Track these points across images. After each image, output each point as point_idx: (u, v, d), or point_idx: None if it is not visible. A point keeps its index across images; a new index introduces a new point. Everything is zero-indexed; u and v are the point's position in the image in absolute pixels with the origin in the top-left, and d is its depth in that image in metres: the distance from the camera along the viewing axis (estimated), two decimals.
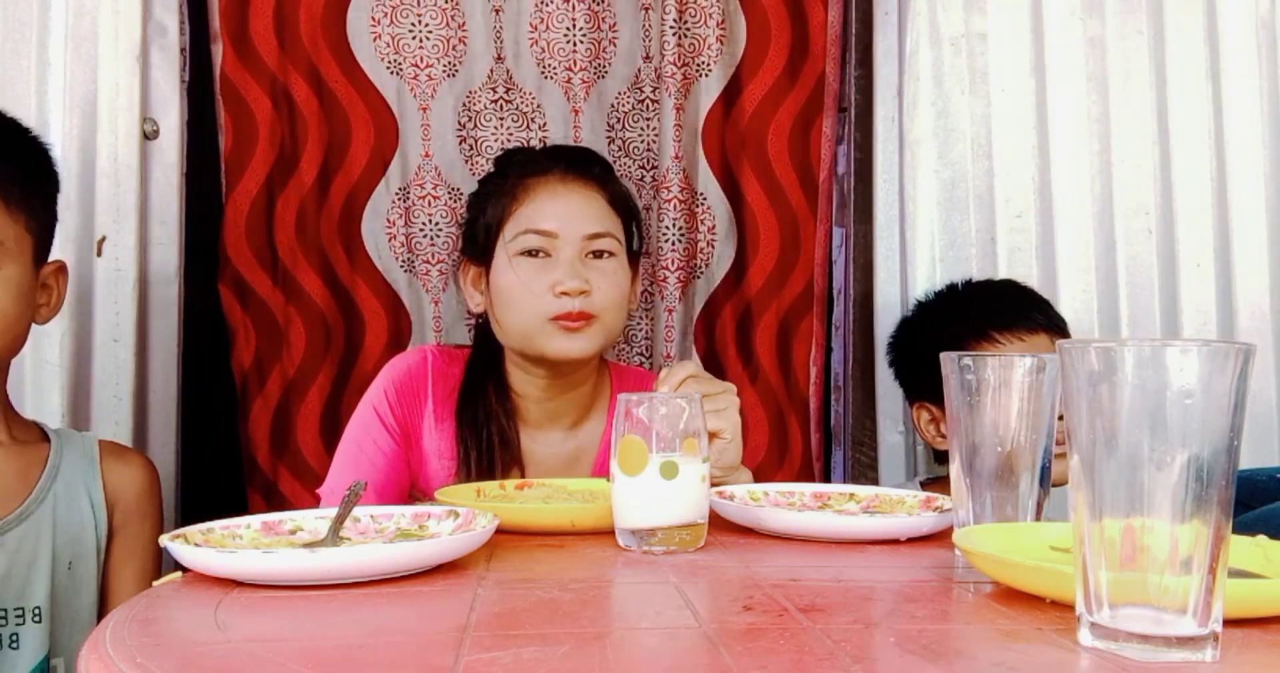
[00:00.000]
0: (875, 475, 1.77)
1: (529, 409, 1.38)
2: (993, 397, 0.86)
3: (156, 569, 1.27)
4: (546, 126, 1.77)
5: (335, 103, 1.72)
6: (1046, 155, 1.74)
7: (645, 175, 1.79)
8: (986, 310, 1.50)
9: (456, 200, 1.75)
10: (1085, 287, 1.73)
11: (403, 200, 1.75)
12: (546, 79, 1.77)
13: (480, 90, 1.76)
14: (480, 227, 1.36)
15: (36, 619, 1.17)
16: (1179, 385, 0.56)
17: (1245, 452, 0.65)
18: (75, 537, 1.22)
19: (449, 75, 1.75)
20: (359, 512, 0.91)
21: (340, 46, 1.72)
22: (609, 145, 1.79)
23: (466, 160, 1.76)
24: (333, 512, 0.89)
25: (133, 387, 1.58)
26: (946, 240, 1.74)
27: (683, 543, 0.89)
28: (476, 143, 1.77)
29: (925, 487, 1.49)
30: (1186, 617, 0.56)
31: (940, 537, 0.95)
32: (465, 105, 1.76)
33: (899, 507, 1.06)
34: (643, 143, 1.80)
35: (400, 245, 1.75)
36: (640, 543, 0.89)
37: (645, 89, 1.79)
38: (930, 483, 1.56)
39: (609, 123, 1.79)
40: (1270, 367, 1.73)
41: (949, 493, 0.92)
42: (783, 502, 1.08)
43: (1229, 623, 0.59)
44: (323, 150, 1.71)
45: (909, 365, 1.60)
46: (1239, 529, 0.64)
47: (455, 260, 1.67)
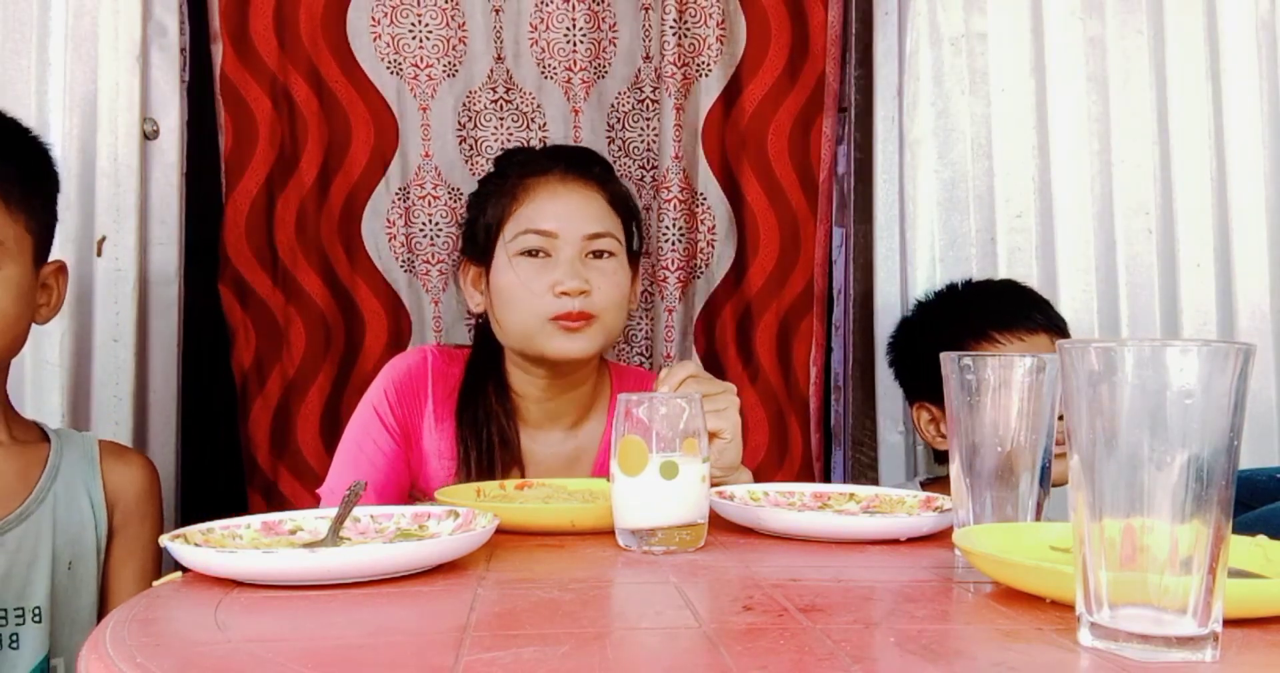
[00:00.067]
0: (875, 475, 1.77)
1: (529, 409, 1.38)
2: (993, 397, 0.86)
3: (156, 569, 1.27)
4: (546, 127, 1.77)
5: (335, 103, 1.71)
6: (1046, 155, 1.74)
7: (645, 175, 1.79)
8: (986, 310, 1.50)
9: (456, 200, 1.75)
10: (1085, 287, 1.73)
11: (403, 200, 1.75)
12: (546, 79, 1.77)
13: (480, 90, 1.76)
14: (480, 226, 1.36)
15: (36, 619, 1.17)
16: (1179, 385, 0.56)
17: (1245, 452, 0.65)
18: (75, 537, 1.22)
19: (449, 75, 1.75)
20: (359, 512, 0.91)
21: (340, 46, 1.72)
22: (609, 145, 1.79)
23: (466, 160, 1.76)
24: (333, 512, 0.89)
25: (133, 387, 1.58)
26: (946, 240, 1.74)
27: (683, 543, 0.89)
28: (476, 143, 1.76)
29: (925, 487, 1.49)
30: (1186, 617, 0.56)
31: (940, 537, 0.95)
32: (465, 105, 1.76)
33: (899, 507, 1.06)
34: (643, 143, 1.80)
35: (400, 245, 1.75)
36: (640, 543, 0.89)
37: (645, 89, 1.79)
38: (930, 483, 1.56)
39: (609, 123, 1.79)
40: (1270, 367, 1.73)
41: (949, 493, 0.92)
42: (783, 502, 1.08)
43: (1229, 623, 0.59)
44: (323, 150, 1.71)
45: (909, 365, 1.60)
46: (1239, 529, 0.64)
47: (455, 260, 1.67)
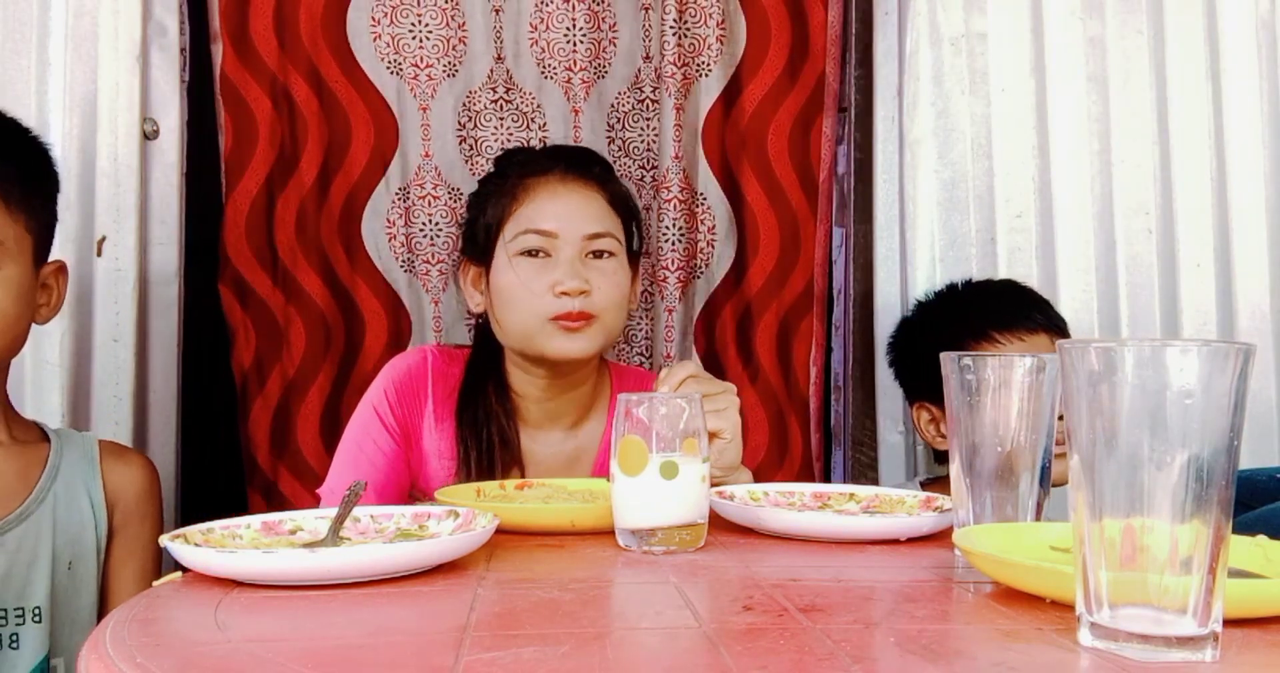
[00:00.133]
0: (875, 475, 1.77)
1: (529, 409, 1.38)
2: (993, 397, 0.86)
3: (156, 569, 1.27)
4: (546, 127, 1.77)
5: (335, 103, 1.71)
6: (1046, 155, 1.74)
7: (645, 175, 1.79)
8: (986, 310, 1.50)
9: (456, 200, 1.75)
10: (1085, 287, 1.73)
11: (403, 200, 1.75)
12: (546, 79, 1.77)
13: (480, 90, 1.76)
14: (480, 226, 1.36)
15: (36, 619, 1.17)
16: (1179, 385, 0.56)
17: (1245, 452, 0.65)
18: (75, 537, 1.22)
19: (449, 75, 1.75)
20: (359, 512, 0.91)
21: (340, 47, 1.72)
22: (609, 145, 1.79)
23: (466, 160, 1.76)
24: (333, 512, 0.89)
25: (133, 387, 1.58)
26: (946, 240, 1.74)
27: (683, 543, 0.89)
28: (477, 143, 1.77)
29: (925, 487, 1.49)
30: (1186, 617, 0.56)
31: (940, 537, 0.95)
32: (465, 105, 1.76)
33: (899, 507, 1.06)
34: (642, 143, 1.80)
35: (400, 245, 1.75)
36: (640, 543, 0.89)
37: (645, 89, 1.79)
38: (930, 483, 1.56)
39: (609, 123, 1.79)
40: (1270, 367, 1.73)
41: (949, 493, 0.92)
42: (783, 502, 1.08)
43: (1229, 623, 0.59)
44: (323, 150, 1.71)
45: (909, 365, 1.60)
46: (1239, 529, 0.64)
47: (455, 260, 1.67)
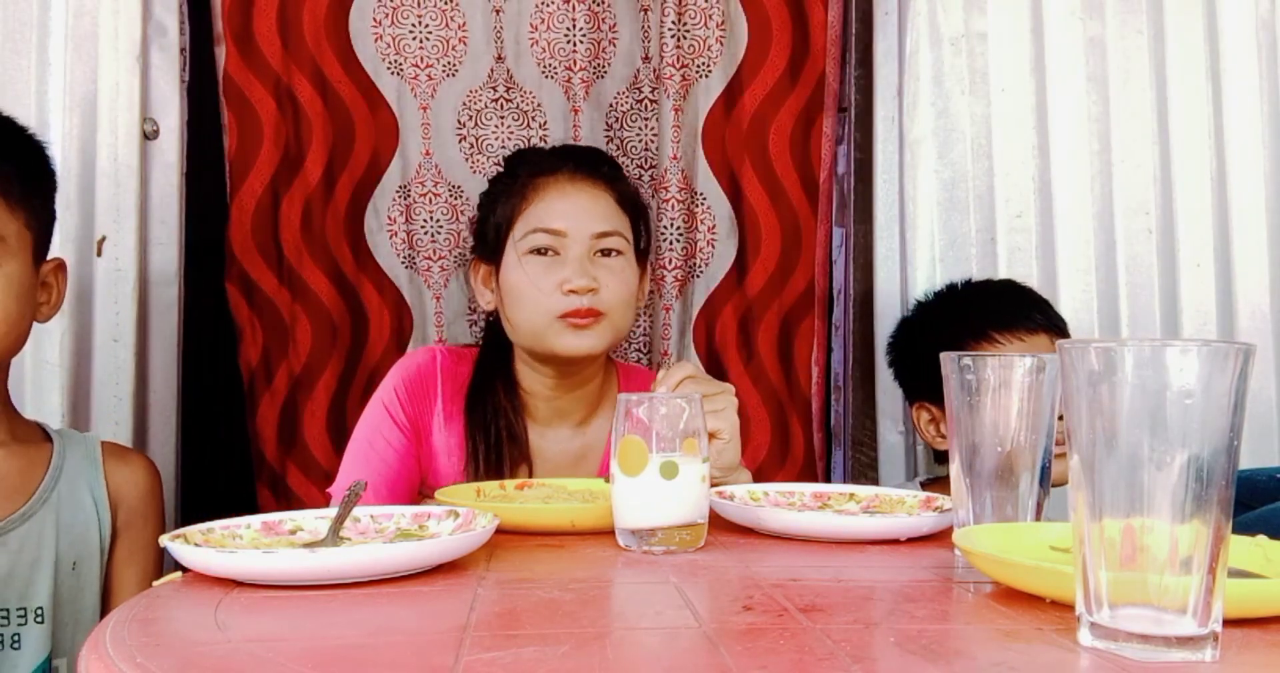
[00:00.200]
0: (875, 475, 1.77)
1: (537, 407, 1.39)
2: (993, 397, 0.86)
3: (158, 570, 1.27)
4: (546, 126, 1.78)
5: (339, 103, 1.72)
6: (1046, 155, 1.74)
7: (644, 175, 1.80)
8: (986, 310, 1.50)
9: (458, 197, 1.76)
10: (1085, 287, 1.73)
11: (403, 198, 1.75)
12: (547, 78, 1.78)
13: (481, 89, 1.77)
14: (490, 226, 1.37)
15: (39, 620, 1.17)
16: (1179, 385, 0.56)
17: (1245, 452, 0.65)
18: (79, 537, 1.22)
19: (449, 75, 1.76)
20: (359, 512, 0.91)
21: (343, 47, 1.72)
22: (607, 144, 1.79)
23: (467, 158, 1.77)
24: (333, 512, 0.89)
25: (133, 387, 1.58)
26: (946, 240, 1.74)
27: (683, 543, 0.89)
28: (477, 141, 1.77)
29: (925, 487, 1.49)
30: (1186, 617, 0.56)
31: (940, 537, 0.95)
32: (465, 104, 1.77)
33: (899, 507, 1.06)
34: (641, 142, 1.80)
35: (402, 242, 1.75)
36: (640, 543, 0.89)
37: (644, 89, 1.79)
38: (930, 483, 1.56)
39: (608, 122, 1.80)
40: (1270, 367, 1.73)
41: (949, 493, 0.92)
42: (783, 502, 1.08)
43: (1229, 623, 0.59)
44: (327, 150, 1.72)
45: (909, 365, 1.60)
46: (1239, 529, 0.64)
47: (465, 259, 1.69)
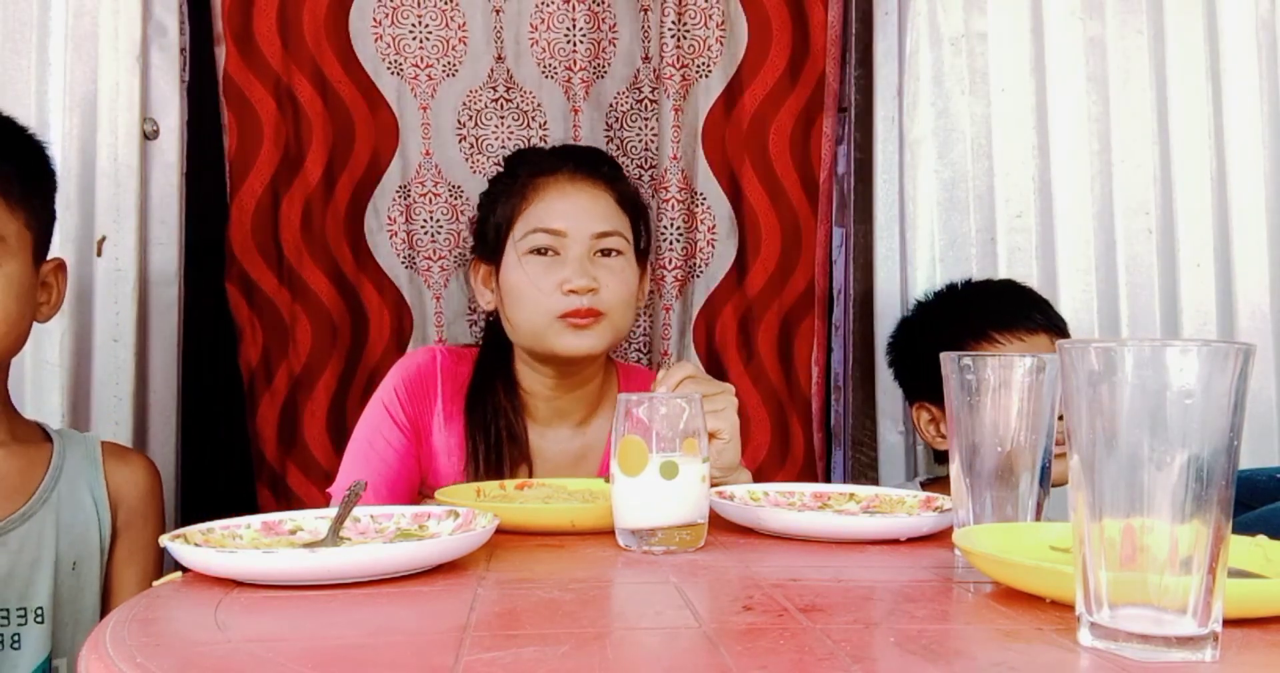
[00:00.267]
0: (875, 475, 1.77)
1: (537, 407, 1.39)
2: (993, 397, 0.86)
3: (159, 570, 1.26)
4: (546, 125, 1.78)
5: (339, 103, 1.72)
6: (1046, 155, 1.74)
7: (643, 174, 1.80)
8: (986, 310, 1.50)
9: (457, 197, 1.76)
10: (1085, 287, 1.73)
11: (403, 198, 1.76)
12: (547, 78, 1.78)
13: (481, 89, 1.77)
14: (490, 225, 1.37)
15: (39, 620, 1.17)
16: (1179, 385, 0.56)
17: (1245, 452, 0.65)
18: (79, 537, 1.22)
19: (449, 75, 1.76)
20: (359, 512, 0.91)
21: (343, 47, 1.73)
22: (608, 144, 1.79)
23: (467, 158, 1.77)
24: (333, 512, 0.89)
25: (133, 387, 1.58)
26: (946, 240, 1.74)
27: (683, 543, 0.89)
28: (477, 141, 1.77)
29: (925, 487, 1.49)
30: (1186, 617, 0.56)
31: (940, 537, 0.95)
32: (465, 104, 1.77)
33: (899, 507, 1.06)
34: (640, 142, 1.80)
35: (401, 242, 1.76)
36: (640, 543, 0.89)
37: (644, 89, 1.80)
38: (930, 483, 1.56)
39: (607, 122, 1.80)
40: (1270, 367, 1.73)
41: (949, 493, 0.92)
42: (783, 502, 1.08)
43: (1229, 623, 0.59)
44: (327, 150, 1.72)
45: (909, 365, 1.60)
46: (1239, 529, 0.64)
47: (465, 259, 1.69)
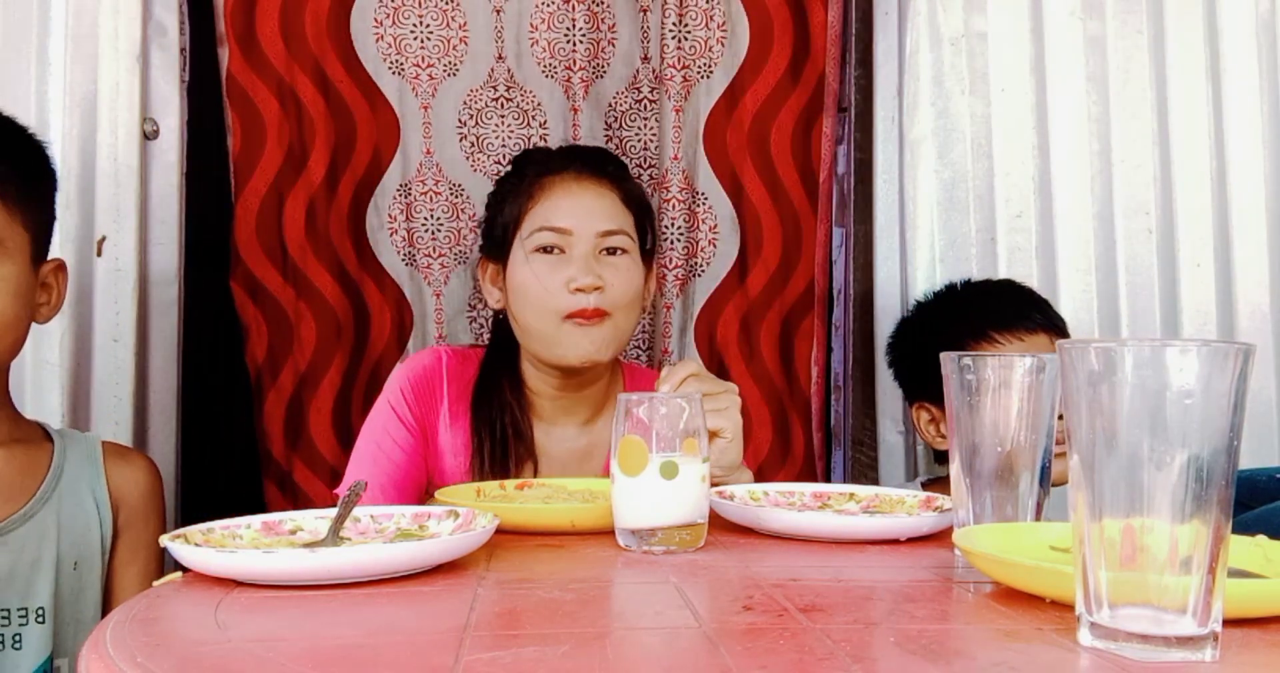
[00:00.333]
0: (875, 475, 1.77)
1: (543, 405, 1.39)
2: (993, 397, 0.86)
3: (159, 570, 1.26)
4: (546, 125, 1.78)
5: (341, 103, 1.73)
6: (1046, 155, 1.74)
7: (643, 174, 1.80)
8: (986, 310, 1.50)
9: (458, 196, 1.77)
10: (1085, 287, 1.73)
11: (404, 196, 1.76)
12: (547, 78, 1.78)
13: (481, 89, 1.77)
14: (497, 224, 1.38)
15: (40, 620, 1.17)
16: (1179, 385, 0.56)
17: (1245, 452, 0.65)
18: (80, 537, 1.22)
19: (450, 74, 1.76)
20: (359, 512, 0.91)
21: (345, 47, 1.73)
22: (607, 144, 1.79)
23: (468, 157, 1.78)
24: (333, 512, 0.89)
25: (133, 387, 1.58)
26: (946, 240, 1.74)
27: (683, 543, 0.89)
28: (478, 140, 1.78)
29: (925, 487, 1.49)
30: (1186, 617, 0.56)
31: (940, 537, 0.95)
32: (466, 103, 1.77)
33: (899, 507, 1.06)
34: (640, 142, 1.81)
35: (402, 240, 1.76)
36: (640, 543, 0.89)
37: (643, 89, 1.80)
38: (931, 483, 1.56)
39: (607, 122, 1.80)
40: (1270, 367, 1.72)
41: (949, 493, 0.92)
42: (783, 502, 1.08)
43: (1229, 623, 0.59)
44: (330, 149, 1.72)
45: (909, 366, 1.60)
46: (1239, 529, 0.64)
47: (465, 257, 1.69)
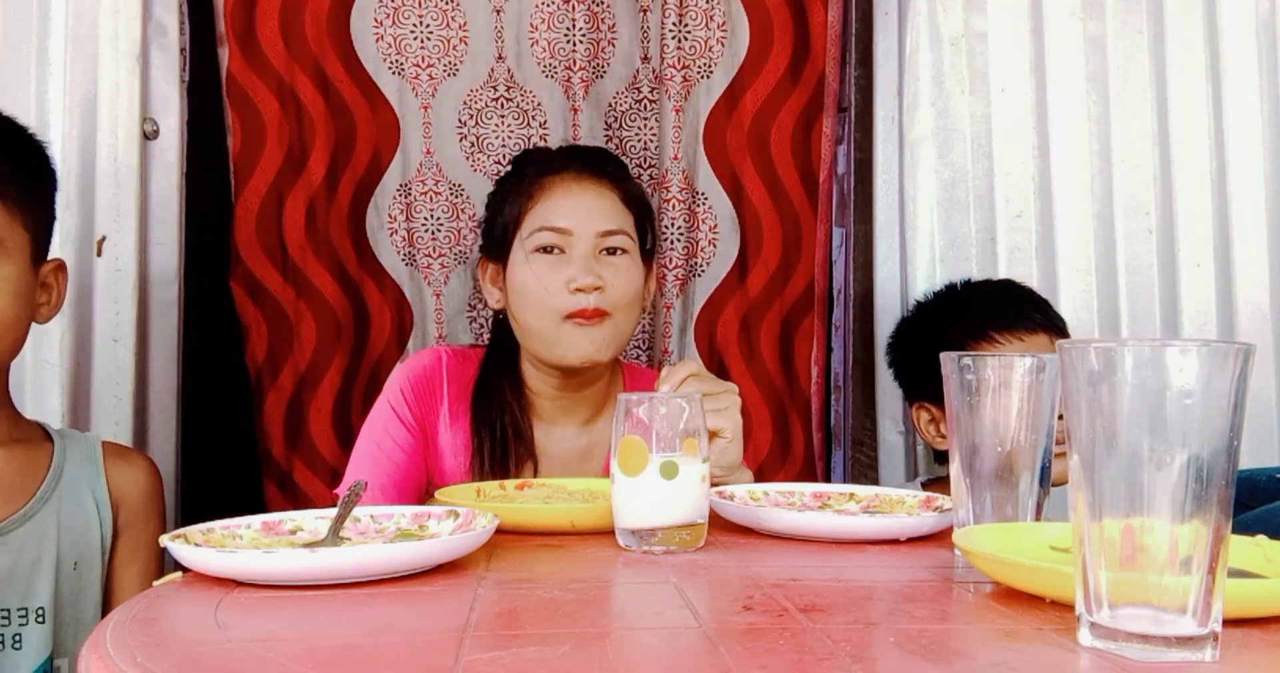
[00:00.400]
0: (875, 475, 1.77)
1: (543, 405, 1.39)
2: (993, 397, 0.86)
3: (160, 570, 1.26)
4: (546, 125, 1.79)
5: (341, 102, 1.73)
6: (1046, 155, 1.74)
7: (642, 174, 1.80)
8: (986, 310, 1.50)
9: (458, 196, 1.77)
10: (1085, 287, 1.73)
11: (404, 196, 1.76)
12: (547, 78, 1.78)
13: (481, 88, 1.77)
14: (498, 224, 1.38)
15: (40, 620, 1.17)
16: (1179, 385, 0.56)
17: (1245, 452, 0.65)
18: (80, 537, 1.22)
19: (450, 74, 1.76)
20: (359, 512, 0.91)
21: (345, 47, 1.73)
22: (607, 143, 1.79)
23: (468, 157, 1.78)
24: (333, 512, 0.89)
25: (133, 387, 1.58)
26: (946, 240, 1.74)
27: (683, 543, 0.89)
28: (478, 140, 1.78)
29: (926, 487, 1.49)
30: (1186, 617, 0.56)
31: (940, 537, 0.95)
32: (466, 103, 1.77)
33: (899, 507, 1.06)
34: (640, 142, 1.81)
35: (402, 240, 1.76)
36: (640, 543, 0.89)
37: (643, 89, 1.80)
38: (931, 483, 1.56)
39: (607, 122, 1.80)
40: (1270, 367, 1.72)
41: (949, 493, 0.92)
42: (783, 502, 1.08)
43: (1229, 623, 0.59)
44: (330, 149, 1.72)
45: (909, 366, 1.60)
46: (1239, 529, 0.64)
47: (465, 256, 1.69)
